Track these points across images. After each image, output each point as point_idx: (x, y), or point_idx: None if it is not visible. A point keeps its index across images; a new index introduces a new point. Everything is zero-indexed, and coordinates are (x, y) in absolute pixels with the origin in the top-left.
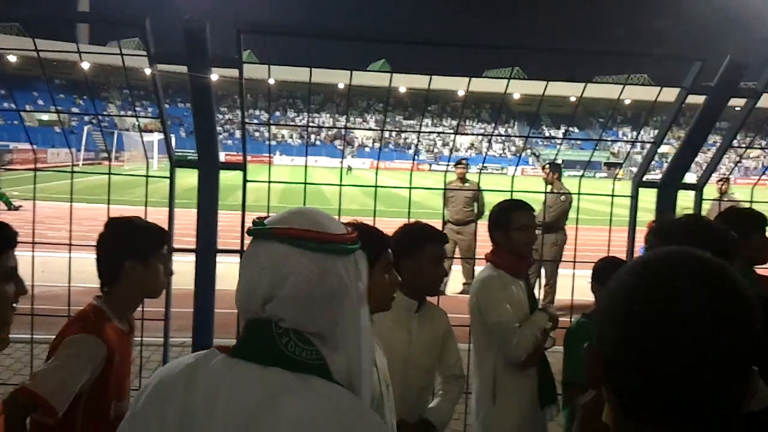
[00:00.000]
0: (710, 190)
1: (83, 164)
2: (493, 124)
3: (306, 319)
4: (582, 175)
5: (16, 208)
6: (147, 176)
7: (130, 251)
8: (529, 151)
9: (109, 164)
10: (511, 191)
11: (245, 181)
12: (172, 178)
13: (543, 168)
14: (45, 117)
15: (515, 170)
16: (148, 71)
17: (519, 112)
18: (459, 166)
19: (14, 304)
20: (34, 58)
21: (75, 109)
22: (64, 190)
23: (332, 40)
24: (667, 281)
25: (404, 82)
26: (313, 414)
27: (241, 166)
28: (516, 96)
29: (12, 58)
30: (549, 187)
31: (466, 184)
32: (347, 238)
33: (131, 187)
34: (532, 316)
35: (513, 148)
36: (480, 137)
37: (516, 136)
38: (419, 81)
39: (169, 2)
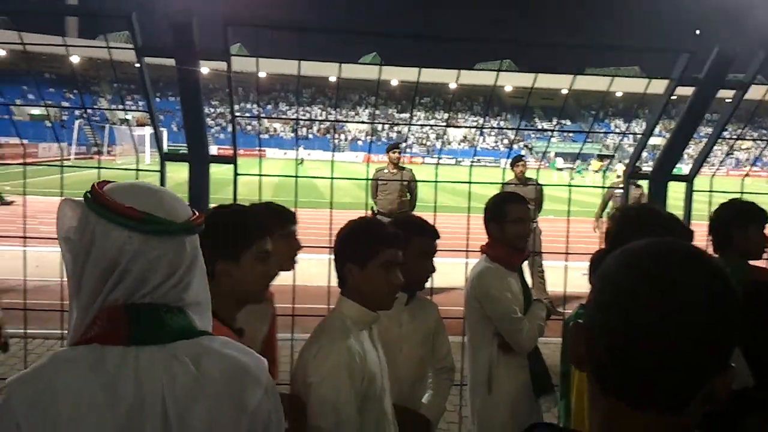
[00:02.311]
0: (701, 182)
1: (75, 158)
2: (486, 117)
3: (193, 293)
4: (573, 168)
5: (9, 203)
6: (137, 170)
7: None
8: (521, 143)
9: (99, 158)
10: (436, 181)
11: (236, 174)
12: (162, 172)
13: (395, 147)
14: (36, 111)
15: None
16: (138, 65)
17: (511, 105)
18: (394, 150)
19: None
20: (22, 52)
21: (65, 104)
22: (55, 184)
23: (321, 34)
24: (654, 270)
25: (396, 75)
26: (229, 364)
27: (232, 160)
28: (508, 89)
29: (1, 52)
30: (381, 168)
31: (402, 172)
32: (200, 217)
33: (123, 181)
34: (531, 307)
35: (506, 141)
36: (473, 130)
37: (507, 129)
38: (411, 74)
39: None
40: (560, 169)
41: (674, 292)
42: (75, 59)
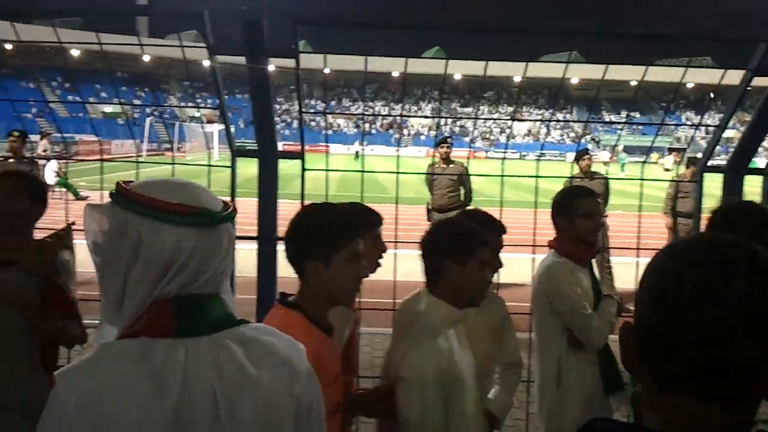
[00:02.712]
0: None
1: (146, 155)
2: (552, 110)
3: (226, 278)
4: (644, 161)
5: (84, 198)
6: (209, 165)
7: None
8: (588, 137)
9: (172, 155)
10: (502, 175)
11: (303, 169)
12: (233, 167)
13: (444, 141)
14: (109, 109)
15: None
16: (206, 63)
17: (577, 98)
18: (442, 145)
19: None
20: (96, 52)
21: (137, 101)
22: (133, 179)
23: (383, 29)
24: (697, 264)
25: (459, 69)
26: (272, 349)
27: (299, 155)
28: (574, 81)
29: (75, 53)
30: (435, 161)
31: (451, 166)
32: (232, 207)
33: (193, 177)
34: (602, 303)
35: (572, 134)
36: (537, 123)
37: (575, 121)
38: (475, 67)
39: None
40: (623, 164)
41: (708, 287)
42: (146, 58)
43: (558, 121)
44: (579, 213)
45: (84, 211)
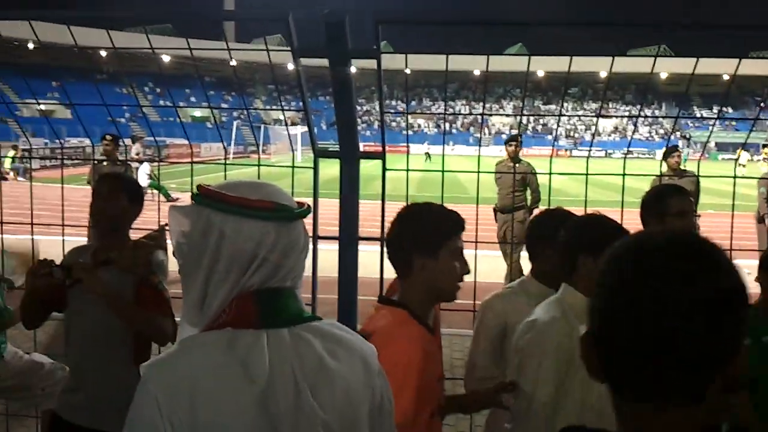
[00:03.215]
0: None
1: (233, 157)
2: (639, 106)
3: (300, 277)
4: (736, 159)
5: (174, 200)
6: (293, 167)
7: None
8: (678, 133)
9: (258, 156)
10: (586, 174)
11: (384, 170)
12: (315, 168)
13: (512, 140)
14: (198, 113)
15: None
16: (290, 66)
17: (666, 93)
18: (511, 143)
19: None
20: (186, 57)
21: (224, 105)
22: (216, 181)
23: (463, 27)
24: (646, 258)
25: (542, 66)
26: (349, 345)
27: (381, 155)
28: (663, 76)
29: (166, 58)
30: (502, 160)
31: (517, 166)
32: (305, 205)
33: (278, 178)
34: None
35: (661, 131)
36: (624, 121)
37: (663, 116)
38: (558, 63)
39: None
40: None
41: (655, 281)
42: (233, 63)
43: (645, 116)
44: (670, 212)
45: (168, 214)
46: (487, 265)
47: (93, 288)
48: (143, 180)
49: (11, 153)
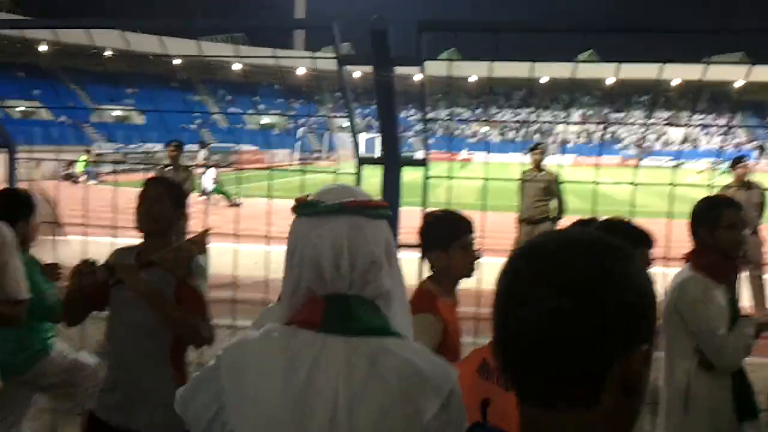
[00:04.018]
0: None
1: (298, 164)
2: (714, 115)
3: (379, 283)
4: None
5: (238, 205)
6: (336, 173)
7: (432, 242)
8: (754, 143)
9: (313, 164)
10: (593, 182)
11: (426, 177)
12: (359, 174)
13: (535, 148)
14: (265, 120)
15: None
16: (356, 74)
17: (743, 101)
18: (535, 151)
19: None
20: (255, 65)
21: (291, 112)
22: (280, 187)
23: (513, 33)
24: (518, 259)
25: (612, 72)
26: (410, 367)
27: (423, 163)
28: (739, 84)
29: (236, 67)
30: (528, 168)
31: (542, 174)
32: (384, 204)
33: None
34: (738, 323)
35: (735, 141)
36: (696, 130)
37: (742, 126)
38: (629, 70)
39: (395, 5)
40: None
41: (552, 274)
42: (301, 71)
43: (717, 125)
44: (723, 224)
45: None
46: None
47: (135, 287)
48: (209, 185)
49: (83, 157)
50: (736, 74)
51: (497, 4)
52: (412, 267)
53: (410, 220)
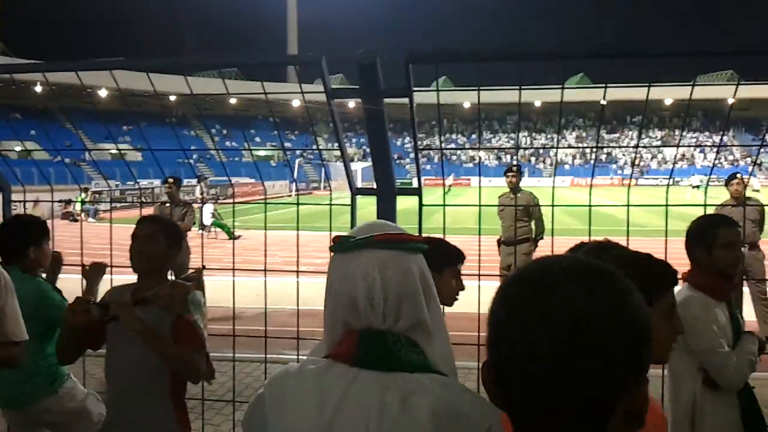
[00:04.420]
0: None
1: (295, 194)
2: (707, 133)
3: (414, 315)
4: None
5: (237, 237)
6: (330, 204)
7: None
8: (749, 159)
9: (297, 195)
10: (551, 204)
11: (421, 205)
12: (353, 205)
13: (509, 171)
14: (262, 153)
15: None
16: (351, 104)
17: (735, 118)
18: (509, 173)
19: None
20: (250, 99)
21: (288, 145)
22: (277, 219)
23: (500, 62)
24: (510, 286)
25: (602, 95)
26: (443, 406)
27: (417, 192)
28: (731, 101)
29: (232, 101)
30: (505, 192)
31: (518, 196)
32: (420, 238)
33: (337, 215)
34: (741, 340)
35: (730, 157)
36: (692, 148)
37: (739, 146)
38: (621, 92)
39: (388, 40)
40: (696, 187)
41: (504, 309)
42: (296, 103)
43: (714, 146)
44: (719, 243)
45: None
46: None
47: (130, 324)
48: (207, 219)
49: (82, 196)
50: (726, 92)
51: (497, 32)
52: None
53: None
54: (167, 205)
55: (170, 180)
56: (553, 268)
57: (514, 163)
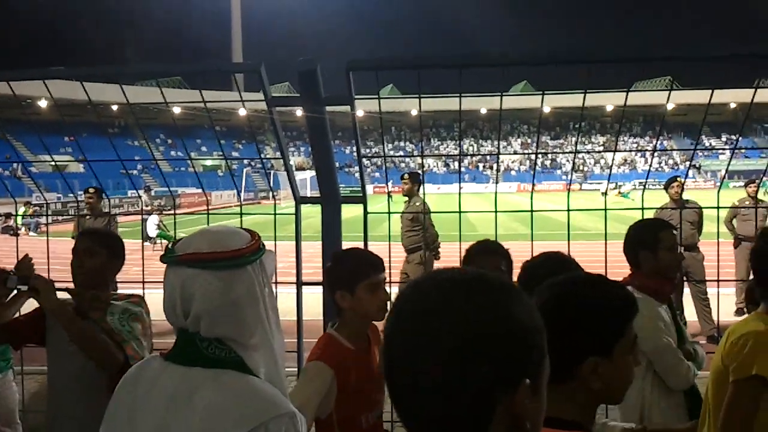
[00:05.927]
0: None
1: (244, 204)
2: (647, 138)
3: (218, 328)
4: (746, 185)
5: None
6: (275, 214)
7: (337, 282)
8: (688, 163)
9: (240, 204)
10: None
11: (365, 213)
12: (297, 214)
13: (402, 177)
14: (209, 162)
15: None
16: (298, 113)
17: (674, 123)
18: (403, 180)
19: None
20: (195, 108)
21: (235, 154)
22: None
23: (442, 69)
24: (394, 303)
25: (548, 102)
26: (219, 401)
27: (361, 200)
28: (670, 106)
29: (176, 110)
30: (406, 199)
31: (410, 203)
32: (246, 250)
33: (285, 224)
34: (685, 342)
35: (670, 162)
36: (633, 153)
37: (677, 150)
38: (564, 99)
39: (338, 47)
40: (604, 194)
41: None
42: (243, 112)
43: (655, 150)
44: (663, 246)
45: None
46: None
47: (48, 302)
48: (152, 231)
49: (22, 209)
50: (664, 98)
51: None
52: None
53: None
54: (87, 217)
55: (91, 190)
56: (435, 280)
57: (409, 172)
